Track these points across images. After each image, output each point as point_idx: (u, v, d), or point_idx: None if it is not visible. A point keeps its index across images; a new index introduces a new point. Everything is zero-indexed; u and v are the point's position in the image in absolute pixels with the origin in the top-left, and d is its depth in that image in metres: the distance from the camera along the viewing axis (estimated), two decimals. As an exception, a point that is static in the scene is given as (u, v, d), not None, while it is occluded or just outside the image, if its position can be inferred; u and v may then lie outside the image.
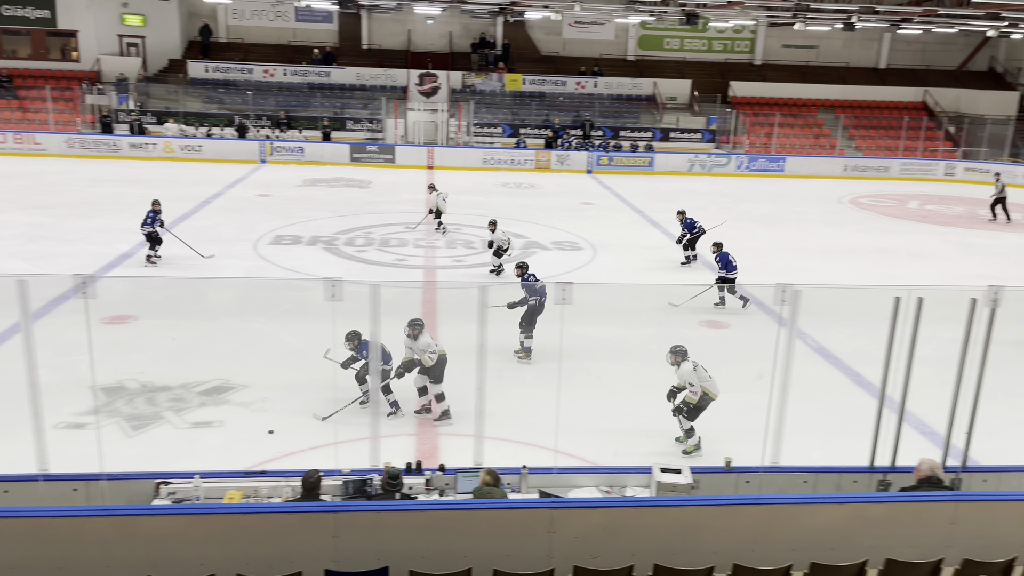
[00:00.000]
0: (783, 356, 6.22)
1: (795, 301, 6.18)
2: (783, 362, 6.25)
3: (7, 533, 4.90)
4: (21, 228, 17.22)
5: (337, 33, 33.91)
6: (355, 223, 19.37)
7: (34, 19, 31.13)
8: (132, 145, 27.80)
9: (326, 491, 6.11)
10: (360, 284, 6.23)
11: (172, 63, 32.29)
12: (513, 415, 8.99)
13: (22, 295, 6.14)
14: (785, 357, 6.23)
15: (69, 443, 7.98)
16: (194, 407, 9.42)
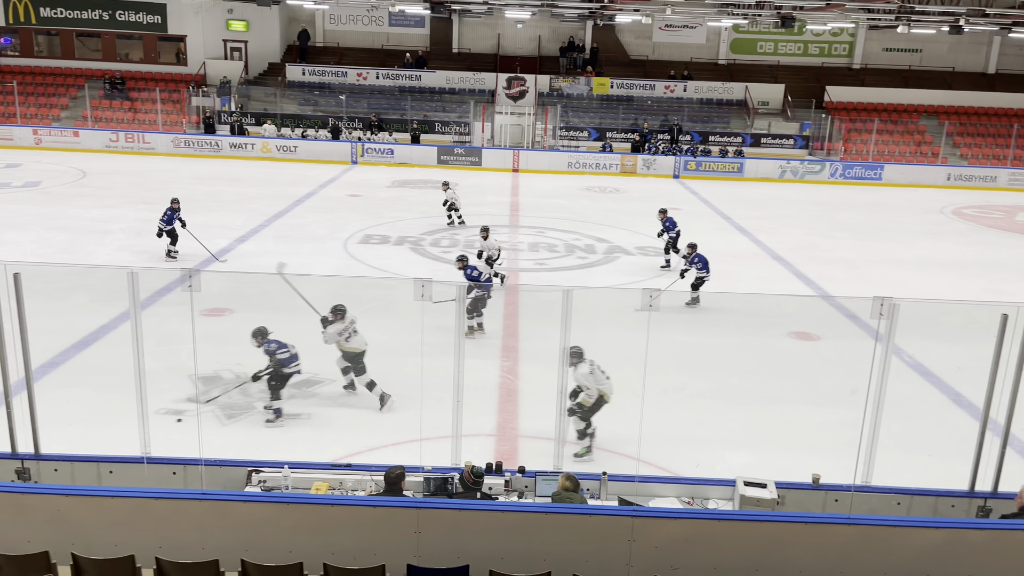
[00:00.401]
0: (878, 371, 5.98)
1: (893, 315, 5.94)
2: (878, 378, 6.01)
3: (112, 511, 5.20)
4: (129, 223, 18.19)
5: (428, 37, 34.51)
6: (441, 224, 19.65)
7: (146, 24, 32.89)
8: (232, 145, 29.01)
9: (408, 487, 6.23)
10: (447, 285, 6.33)
11: (271, 67, 33.54)
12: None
13: (132, 286, 6.47)
14: (880, 372, 6.00)
15: (169, 429, 8.39)
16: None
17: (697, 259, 13.61)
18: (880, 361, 5.99)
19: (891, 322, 6.00)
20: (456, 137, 31.01)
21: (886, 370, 6.05)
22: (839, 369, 10.92)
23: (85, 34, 33.22)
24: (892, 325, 6.04)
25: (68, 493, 5.30)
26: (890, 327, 6.03)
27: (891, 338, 6.16)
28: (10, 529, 5.25)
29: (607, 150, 30.16)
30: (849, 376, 10.38)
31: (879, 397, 6.07)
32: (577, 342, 6.85)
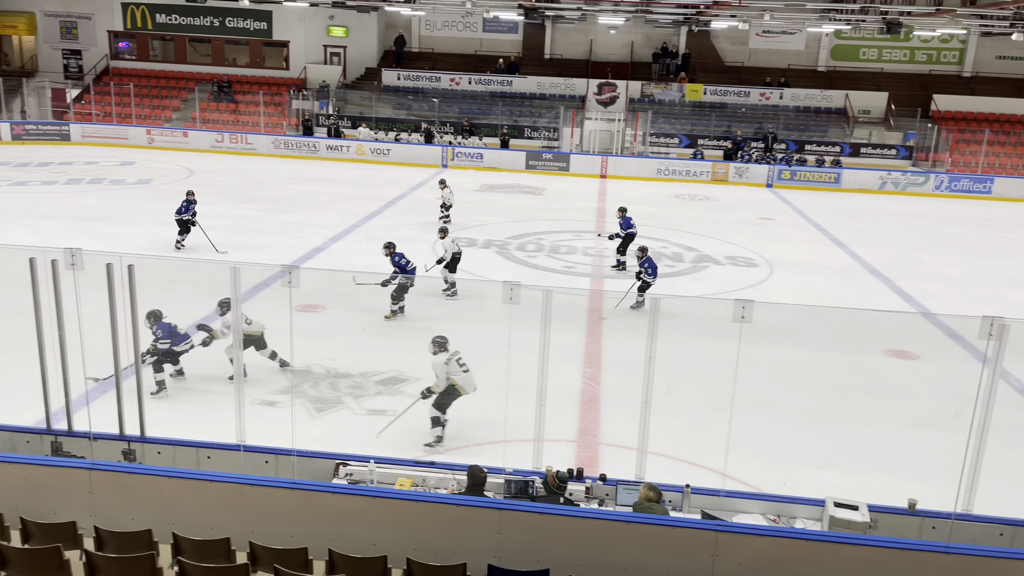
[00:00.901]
0: (984, 395, 5.69)
1: (1002, 336, 5.63)
2: (984, 401, 5.71)
3: (210, 494, 5.46)
4: (231, 220, 19.01)
5: (521, 43, 34.76)
6: (527, 229, 19.75)
7: (253, 31, 34.34)
8: (329, 147, 29.94)
9: (489, 488, 6.29)
10: (534, 289, 6.36)
11: (368, 71, 34.46)
12: (677, 432, 8.82)
13: (235, 281, 6.77)
14: (987, 396, 5.70)
15: (262, 419, 8.73)
16: (371, 395, 9.99)
17: (647, 263, 13.52)
18: (986, 384, 5.69)
19: (1000, 343, 5.70)
20: (545, 142, 31.11)
21: (992, 394, 5.74)
22: (939, 390, 10.41)
23: (197, 39, 34.94)
24: (1001, 347, 5.73)
25: (170, 475, 5.58)
26: (999, 349, 5.72)
27: (999, 361, 5.84)
28: (116, 507, 5.57)
29: (698, 157, 29.68)
30: (950, 398, 9.89)
31: (984, 422, 5.77)
32: (666, 352, 6.77)
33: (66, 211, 19.03)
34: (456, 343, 11.97)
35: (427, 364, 10.95)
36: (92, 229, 17.20)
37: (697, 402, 10.04)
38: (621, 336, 12.39)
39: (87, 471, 5.61)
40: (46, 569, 4.38)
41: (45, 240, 15.60)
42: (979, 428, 5.80)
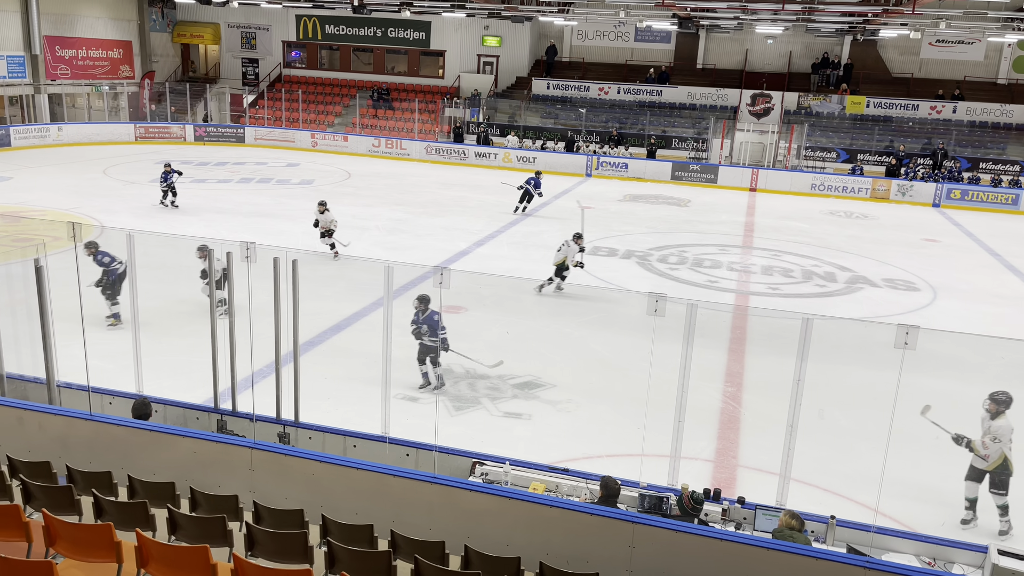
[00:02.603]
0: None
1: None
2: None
3: (357, 481, 5.74)
4: (384, 221, 19.90)
5: (673, 53, 34.27)
6: (670, 240, 19.43)
7: (412, 41, 35.83)
8: (477, 154, 30.72)
9: (622, 500, 6.24)
10: (678, 302, 6.26)
11: (519, 80, 35.09)
12: (824, 460, 8.40)
13: (388, 280, 7.09)
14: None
15: (405, 413, 9.07)
16: (508, 398, 10.15)
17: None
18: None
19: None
20: (693, 153, 30.51)
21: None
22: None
23: (360, 49, 36.87)
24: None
25: (321, 460, 5.91)
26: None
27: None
28: (272, 485, 5.97)
29: (857, 173, 28.13)
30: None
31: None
32: (816, 376, 6.47)
33: (237, 207, 20.58)
34: (594, 352, 11.99)
35: (562, 371, 11.05)
36: (259, 225, 18.50)
37: (847, 430, 9.52)
38: (766, 356, 11.95)
39: (248, 449, 6.05)
40: (211, 537, 4.76)
41: (218, 234, 16.95)
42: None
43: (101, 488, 5.24)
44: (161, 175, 20.22)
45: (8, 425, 6.55)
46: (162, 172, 20.18)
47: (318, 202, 16.49)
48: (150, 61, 36.23)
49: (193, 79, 37.78)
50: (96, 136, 30.83)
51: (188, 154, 29.60)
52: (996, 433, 7.34)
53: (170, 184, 20.00)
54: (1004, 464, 7.35)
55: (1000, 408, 7.43)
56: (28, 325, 7.54)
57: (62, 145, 29.51)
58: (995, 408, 7.46)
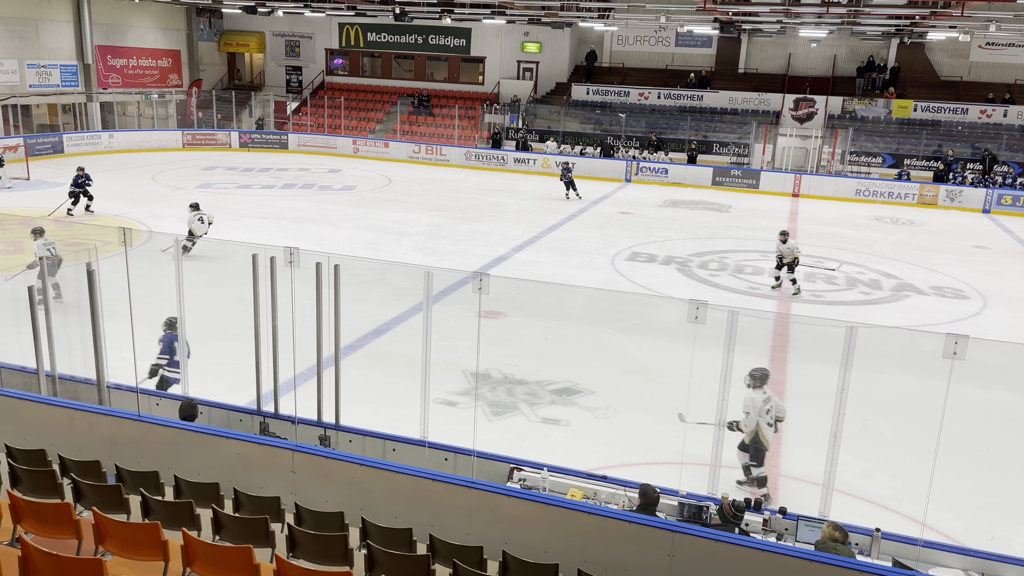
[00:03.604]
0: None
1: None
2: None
3: (396, 485, 5.79)
4: (423, 226, 20.06)
5: (714, 57, 34.00)
6: (711, 247, 19.25)
7: (452, 47, 36.09)
8: (516, 160, 30.80)
9: (660, 509, 6.20)
10: (719, 309, 6.20)
11: (558, 86, 35.11)
12: (868, 472, 8.24)
13: (427, 285, 7.14)
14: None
15: (443, 418, 9.11)
16: (545, 403, 10.14)
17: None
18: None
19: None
20: (734, 158, 30.20)
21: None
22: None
23: (401, 56, 37.26)
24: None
25: (361, 463, 5.97)
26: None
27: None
28: (314, 487, 6.05)
29: (903, 178, 27.57)
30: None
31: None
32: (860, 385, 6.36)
33: (280, 213, 20.91)
34: (633, 358, 11.93)
35: (601, 378, 11.01)
36: (301, 230, 18.78)
37: (893, 441, 9.33)
38: (808, 364, 11.77)
39: (290, 452, 6.14)
40: (254, 537, 4.84)
41: (262, 238, 17.23)
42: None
43: (148, 488, 5.36)
44: (73, 179, 19.71)
45: (60, 425, 6.75)
46: (75, 176, 19.65)
47: (190, 204, 16.83)
48: (198, 70, 37.05)
49: (239, 87, 38.55)
50: (145, 143, 31.61)
51: (233, 160, 30.17)
52: (745, 406, 7.85)
53: (82, 187, 19.53)
54: (756, 438, 7.85)
55: (756, 383, 7.91)
56: (80, 327, 7.76)
57: (113, 152, 30.31)
58: (752, 383, 7.95)
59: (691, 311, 5.35)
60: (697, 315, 5.32)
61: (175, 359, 8.68)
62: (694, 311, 5.30)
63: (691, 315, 5.39)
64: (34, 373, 7.79)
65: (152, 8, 34.02)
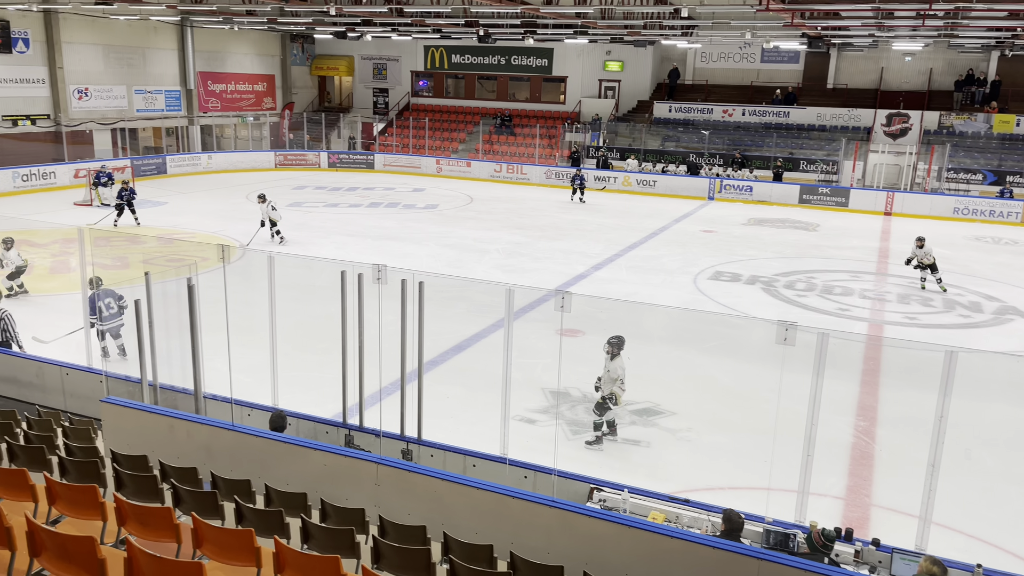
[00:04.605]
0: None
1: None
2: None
3: (477, 501, 5.83)
4: (504, 244, 20.23)
5: (801, 73, 33.23)
6: (797, 266, 18.74)
7: (534, 68, 36.44)
8: (596, 178, 30.75)
9: (745, 535, 6.04)
10: (808, 331, 6.03)
11: (640, 104, 34.96)
12: (969, 504, 7.83)
13: (508, 303, 7.20)
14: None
15: (523, 435, 9.14)
16: (625, 424, 10.03)
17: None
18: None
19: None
20: (822, 176, 29.37)
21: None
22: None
23: (484, 77, 37.85)
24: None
25: (443, 478, 6.05)
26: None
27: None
28: (397, 500, 6.15)
29: (1006, 196, 26.22)
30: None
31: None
32: (959, 413, 6.06)
33: (366, 230, 21.47)
34: (716, 380, 11.69)
35: (682, 399, 10.82)
36: (385, 247, 19.22)
37: (996, 473, 8.84)
38: (902, 390, 11.30)
39: (375, 464, 6.27)
40: (340, 548, 4.96)
41: (348, 255, 17.73)
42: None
43: (241, 495, 5.57)
44: (118, 192, 21.24)
45: (160, 432, 7.09)
46: (127, 189, 21.12)
47: (258, 196, 19.52)
48: (290, 93, 38.55)
49: (328, 109, 39.90)
50: (240, 164, 33.03)
51: (322, 180, 31.18)
52: (616, 373, 8.88)
53: (127, 201, 20.92)
54: (611, 395, 8.98)
55: (615, 351, 8.96)
56: (179, 339, 8.14)
57: (210, 172, 31.79)
58: (611, 351, 8.99)
59: (779, 332, 5.22)
60: (786, 336, 5.19)
61: (104, 315, 10.56)
62: (783, 332, 5.17)
63: (779, 336, 5.26)
64: (138, 382, 8.22)
65: (250, 35, 35.63)
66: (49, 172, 26.49)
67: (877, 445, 9.61)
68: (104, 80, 29.74)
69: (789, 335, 5.18)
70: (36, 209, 22.59)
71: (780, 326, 5.19)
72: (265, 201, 19.16)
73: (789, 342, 5.27)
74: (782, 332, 5.14)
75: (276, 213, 19.19)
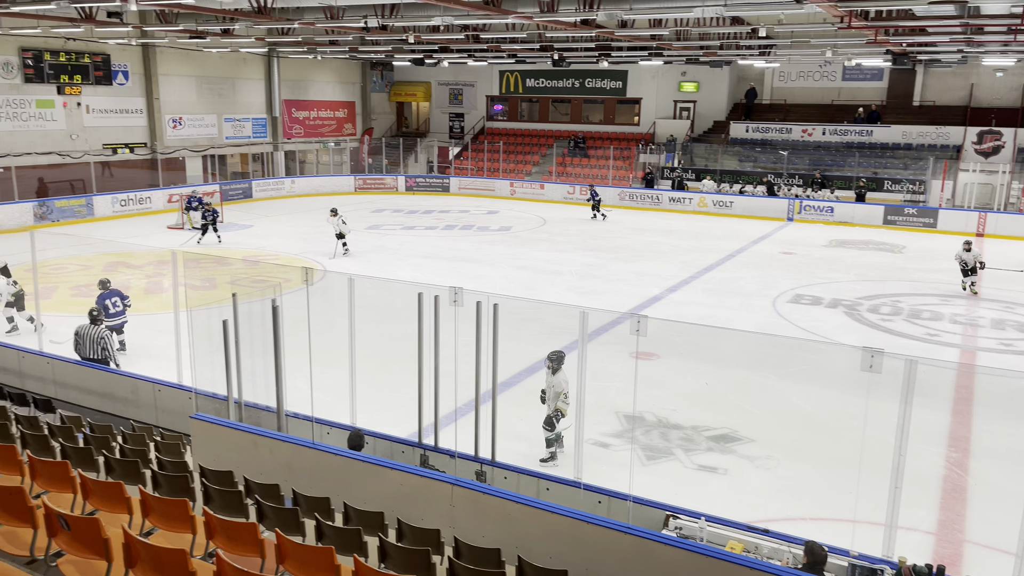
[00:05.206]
0: None
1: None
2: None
3: (551, 525, 5.81)
4: (577, 266, 20.22)
5: (885, 90, 32.27)
6: (882, 289, 18.11)
7: (608, 90, 36.49)
8: (671, 199, 30.49)
9: (829, 569, 5.84)
10: (895, 358, 5.82)
11: (716, 124, 34.55)
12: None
13: (582, 325, 7.20)
14: None
15: (596, 460, 9.07)
16: (702, 450, 9.86)
17: None
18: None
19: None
20: (908, 196, 28.36)
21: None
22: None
23: (558, 100, 38.11)
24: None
25: (517, 500, 6.05)
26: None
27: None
28: (471, 522, 6.19)
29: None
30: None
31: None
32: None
33: (441, 252, 21.80)
34: (797, 406, 11.37)
35: (761, 425, 10.56)
36: (460, 269, 19.47)
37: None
38: (997, 420, 10.75)
39: (450, 486, 6.33)
40: (416, 568, 5.02)
41: (424, 277, 18.03)
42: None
43: (321, 512, 5.70)
44: (202, 213, 22.82)
45: (245, 448, 7.33)
46: (210, 210, 22.74)
47: (330, 209, 21.04)
48: (370, 119, 39.63)
49: (406, 134, 40.83)
50: (322, 188, 34.08)
51: (399, 203, 31.85)
52: (562, 387, 8.96)
53: (211, 222, 22.50)
54: (556, 411, 9.04)
55: (555, 365, 9.05)
56: (263, 358, 8.42)
57: (294, 196, 32.90)
58: (552, 366, 9.08)
59: (865, 359, 5.06)
60: (872, 364, 5.02)
61: (111, 312, 12.16)
62: (868, 359, 5.00)
63: (865, 363, 5.09)
64: (224, 400, 8.53)
65: (332, 64, 36.86)
66: (145, 197, 27.89)
67: (970, 478, 9.17)
68: (196, 109, 31.22)
69: (875, 362, 5.01)
70: (132, 232, 23.80)
71: (865, 353, 5.03)
72: (336, 215, 20.64)
73: (875, 370, 5.10)
74: (867, 359, 4.97)
75: (346, 227, 20.73)
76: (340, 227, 20.62)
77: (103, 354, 10.63)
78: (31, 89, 25.56)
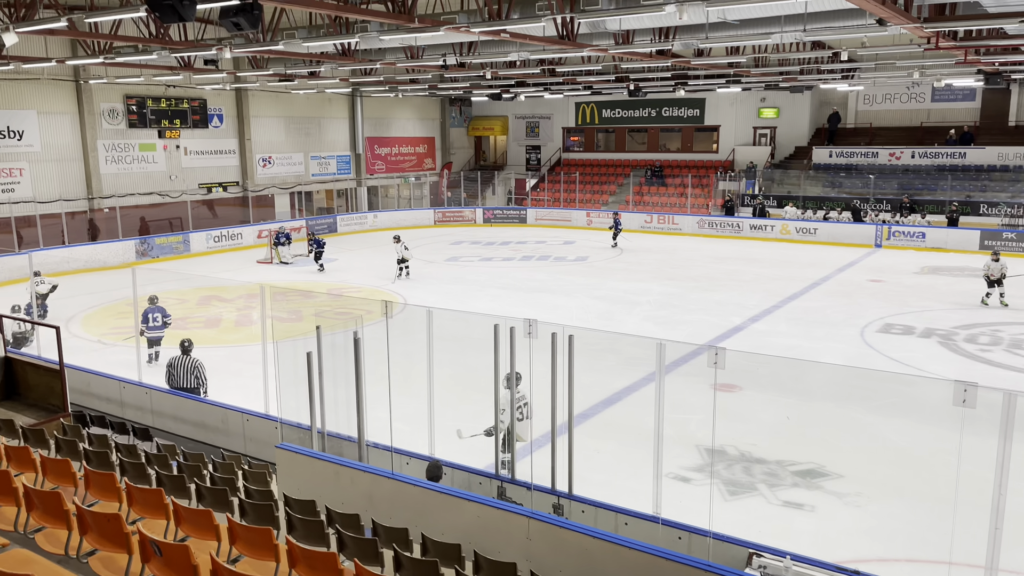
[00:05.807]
0: None
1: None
2: None
3: (628, 561, 5.74)
4: (655, 295, 20.01)
5: (978, 111, 30.99)
6: (980, 318, 17.24)
7: (686, 118, 36.26)
8: (752, 227, 29.90)
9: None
10: (992, 391, 5.53)
11: (798, 150, 33.82)
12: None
13: (660, 357, 7.12)
14: None
15: (677, 494, 8.89)
16: (787, 486, 9.54)
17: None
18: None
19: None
20: (1006, 220, 27.00)
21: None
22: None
23: (635, 130, 38.08)
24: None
25: (595, 536, 6.00)
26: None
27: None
28: (548, 556, 6.16)
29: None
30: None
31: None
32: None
33: (518, 283, 21.94)
34: (888, 441, 10.89)
35: (850, 461, 10.15)
36: (537, 299, 19.54)
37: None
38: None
39: (526, 519, 6.32)
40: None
41: (501, 308, 18.17)
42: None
43: (399, 543, 5.78)
44: (314, 241, 24.70)
45: (327, 478, 7.51)
46: (314, 239, 24.82)
47: (393, 237, 22.82)
48: (448, 153, 40.48)
49: (484, 167, 41.49)
50: (403, 221, 34.88)
51: (477, 235, 32.28)
52: (503, 404, 8.35)
53: (317, 253, 24.24)
54: (509, 429, 8.35)
55: (508, 385, 8.45)
56: (345, 389, 8.64)
57: (376, 230, 33.77)
58: (508, 384, 8.53)
59: (958, 393, 4.83)
60: (965, 399, 4.79)
61: (151, 325, 13.47)
62: (961, 392, 4.77)
63: (958, 398, 4.86)
64: (307, 429, 8.77)
65: (413, 101, 37.92)
66: (236, 233, 29.15)
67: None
68: (285, 148, 32.57)
69: (968, 396, 4.77)
70: (224, 267, 24.88)
71: (958, 387, 4.80)
72: (399, 241, 22.34)
73: (968, 404, 4.86)
74: (960, 393, 4.75)
75: (408, 252, 22.31)
76: (403, 253, 22.18)
77: (195, 382, 11.10)
78: (134, 134, 27.22)
